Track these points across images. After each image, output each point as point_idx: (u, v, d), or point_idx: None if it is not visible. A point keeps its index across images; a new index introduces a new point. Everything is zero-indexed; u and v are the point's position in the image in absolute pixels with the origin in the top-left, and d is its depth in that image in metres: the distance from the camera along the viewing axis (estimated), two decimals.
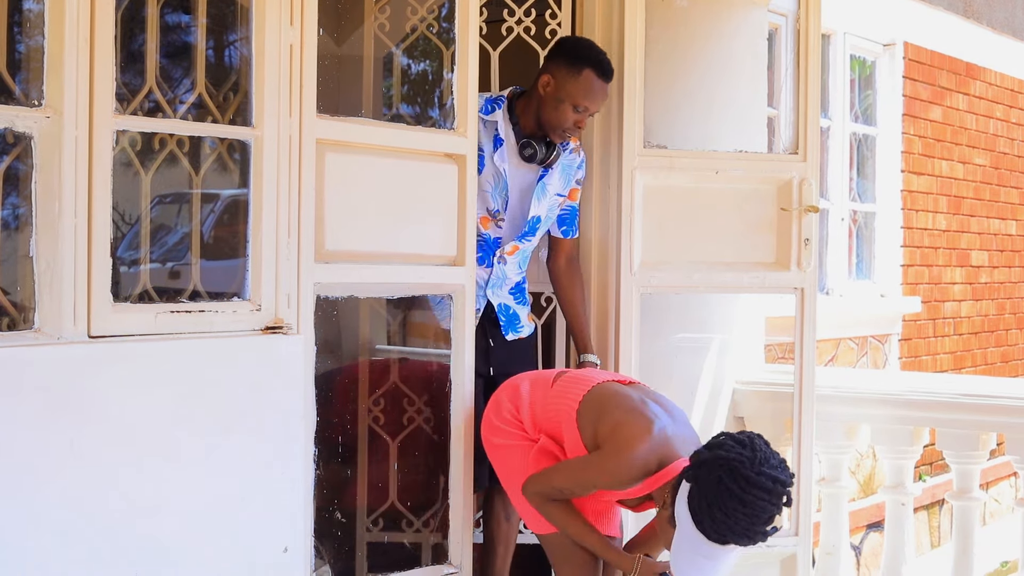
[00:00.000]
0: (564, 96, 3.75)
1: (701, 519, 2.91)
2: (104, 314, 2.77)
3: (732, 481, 2.88)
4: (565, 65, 3.77)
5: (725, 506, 2.88)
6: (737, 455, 2.91)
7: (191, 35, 3.17)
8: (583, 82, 3.75)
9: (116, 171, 2.82)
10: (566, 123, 3.78)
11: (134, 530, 2.78)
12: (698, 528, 2.92)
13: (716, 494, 2.89)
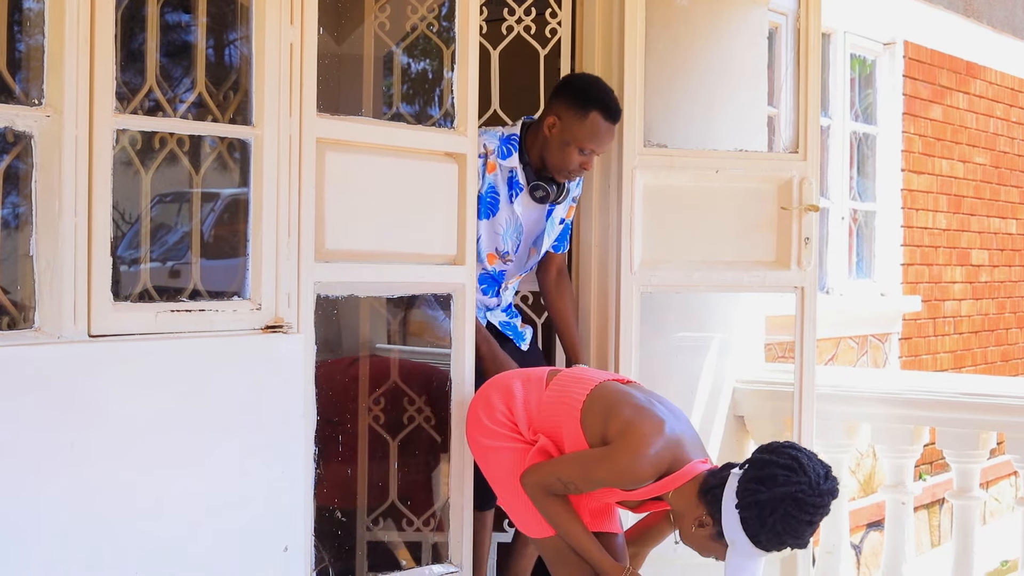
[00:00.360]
0: (570, 139, 3.70)
1: (768, 544, 2.98)
2: (104, 313, 2.76)
3: (800, 511, 2.95)
4: (571, 107, 3.71)
5: (795, 531, 2.96)
6: (797, 487, 2.95)
7: (191, 34, 3.17)
8: (589, 125, 3.70)
9: (116, 170, 2.82)
10: (571, 165, 3.74)
11: (134, 529, 2.78)
12: (760, 547, 2.99)
13: (786, 524, 2.94)
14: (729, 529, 3.00)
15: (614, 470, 3.14)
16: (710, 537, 3.06)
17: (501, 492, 3.37)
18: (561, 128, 3.71)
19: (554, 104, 3.77)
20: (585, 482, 3.19)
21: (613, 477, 3.16)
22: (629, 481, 3.14)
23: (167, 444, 2.84)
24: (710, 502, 3.04)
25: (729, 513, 2.99)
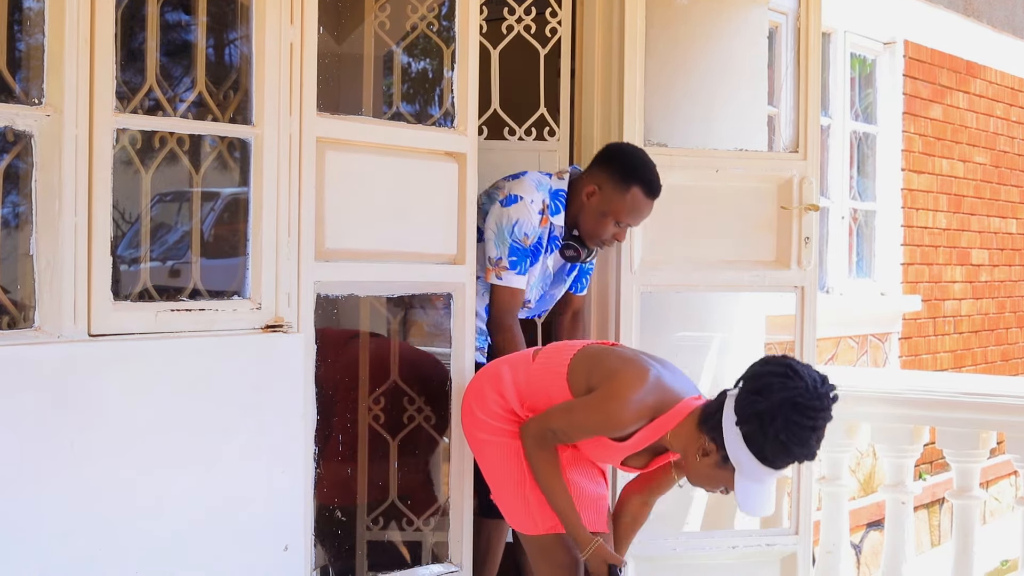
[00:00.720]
0: (608, 210, 3.69)
1: (774, 458, 2.91)
2: (104, 312, 2.76)
3: (801, 416, 2.88)
4: (613, 179, 3.69)
5: (799, 437, 2.89)
6: (794, 391, 2.89)
7: (191, 33, 3.17)
8: (630, 200, 3.69)
9: (116, 169, 2.82)
10: (605, 235, 3.73)
11: (134, 529, 2.78)
12: (768, 465, 2.92)
13: (789, 431, 2.88)
14: (733, 449, 2.94)
15: (600, 415, 3.12)
16: (716, 465, 3.00)
17: (493, 486, 3.37)
18: (600, 198, 3.69)
19: (595, 173, 3.74)
20: (574, 429, 3.17)
21: (599, 422, 3.13)
22: (615, 426, 3.11)
23: (167, 443, 2.84)
24: (711, 428, 3.00)
25: (731, 432, 2.94)
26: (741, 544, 4.31)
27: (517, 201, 3.70)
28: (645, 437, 3.12)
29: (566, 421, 3.16)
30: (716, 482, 3.05)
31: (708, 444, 3.00)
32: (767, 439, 2.89)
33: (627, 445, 3.16)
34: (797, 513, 4.28)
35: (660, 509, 4.45)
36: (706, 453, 3.01)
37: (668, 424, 3.09)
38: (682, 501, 4.55)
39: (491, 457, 3.34)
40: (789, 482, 4.55)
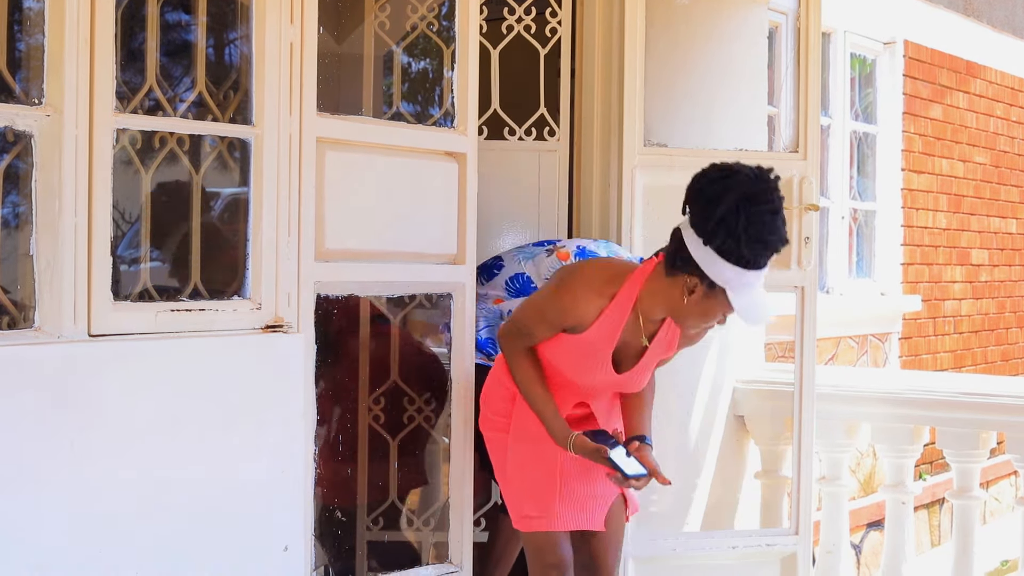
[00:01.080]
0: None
1: (753, 256, 2.83)
2: (104, 313, 2.76)
3: (758, 203, 2.82)
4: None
5: (767, 225, 2.82)
6: (739, 186, 2.83)
7: (191, 33, 3.17)
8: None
9: (116, 169, 2.82)
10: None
11: (135, 529, 2.78)
12: (752, 267, 2.84)
13: (754, 223, 2.81)
14: (714, 270, 2.86)
15: (557, 296, 3.07)
16: (704, 295, 2.90)
17: (499, 481, 3.39)
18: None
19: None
20: (540, 322, 3.10)
21: (561, 307, 3.06)
22: (574, 305, 3.03)
23: (167, 444, 2.84)
24: (683, 265, 2.91)
25: (704, 255, 2.86)
26: (741, 544, 4.31)
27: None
28: (615, 315, 3.03)
29: (532, 314, 3.12)
30: (711, 313, 2.95)
31: (689, 280, 2.90)
32: (740, 242, 2.81)
33: (603, 334, 3.04)
34: (797, 513, 4.28)
35: (660, 509, 4.46)
36: (691, 291, 2.91)
37: (633, 292, 3.02)
38: (682, 501, 4.55)
39: (494, 453, 3.35)
40: (789, 482, 4.55)
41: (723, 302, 2.90)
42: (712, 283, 2.87)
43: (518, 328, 3.15)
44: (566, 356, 3.12)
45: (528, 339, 3.15)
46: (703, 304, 2.93)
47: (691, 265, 2.88)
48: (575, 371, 3.15)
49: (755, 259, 2.83)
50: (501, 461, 3.33)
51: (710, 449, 4.66)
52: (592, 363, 3.10)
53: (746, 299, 2.87)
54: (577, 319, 3.05)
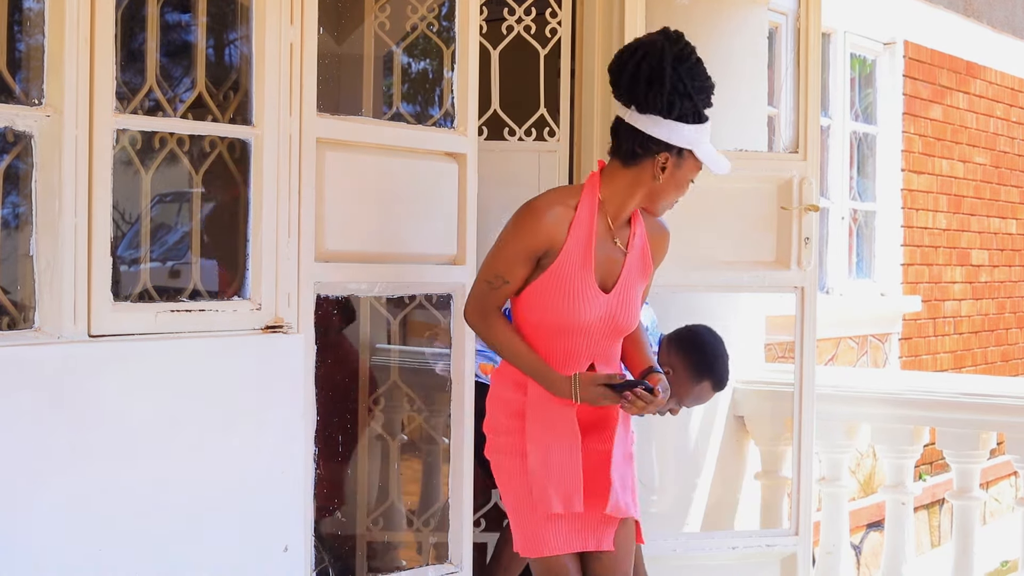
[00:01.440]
0: (675, 392, 3.70)
1: (704, 103, 2.90)
2: (104, 313, 2.76)
3: (686, 60, 2.90)
4: (688, 369, 3.78)
5: (699, 72, 2.91)
6: (664, 48, 2.88)
7: (191, 34, 3.17)
8: (697, 391, 3.81)
9: (116, 170, 2.82)
10: (661, 407, 3.72)
11: (134, 529, 2.78)
12: (700, 120, 2.91)
13: (692, 74, 2.89)
14: (677, 136, 2.89)
15: (525, 226, 2.92)
16: (676, 166, 2.93)
17: (507, 505, 3.18)
18: (671, 379, 3.67)
19: (674, 354, 3.83)
20: (512, 261, 2.93)
21: (531, 231, 2.91)
22: (535, 229, 2.91)
23: (167, 444, 2.84)
24: (644, 146, 2.91)
25: (665, 129, 2.88)
26: (741, 545, 4.32)
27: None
28: (585, 222, 2.93)
29: (497, 258, 2.96)
30: (684, 181, 2.97)
31: (659, 159, 2.91)
32: (692, 99, 2.88)
33: (580, 245, 2.91)
34: (797, 514, 4.27)
35: (660, 509, 4.46)
36: (663, 168, 2.92)
37: (593, 197, 2.95)
38: (682, 502, 4.56)
39: (507, 478, 3.09)
40: (789, 483, 4.55)
41: (691, 164, 2.95)
42: (680, 150, 2.92)
43: (489, 287, 2.96)
44: (552, 297, 2.94)
45: (501, 295, 2.96)
46: (676, 175, 2.95)
47: (655, 144, 2.91)
48: (566, 309, 2.93)
49: (704, 107, 2.92)
50: (513, 487, 3.05)
51: (710, 449, 4.67)
52: (579, 287, 2.94)
53: (708, 151, 2.94)
54: (549, 238, 2.92)
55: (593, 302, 2.95)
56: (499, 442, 3.07)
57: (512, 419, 3.03)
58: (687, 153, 2.93)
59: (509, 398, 3.02)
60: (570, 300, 2.94)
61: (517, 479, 3.03)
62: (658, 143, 2.90)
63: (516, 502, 3.06)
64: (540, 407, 3.00)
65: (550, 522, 3.01)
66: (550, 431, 2.98)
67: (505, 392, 3.04)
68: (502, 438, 3.06)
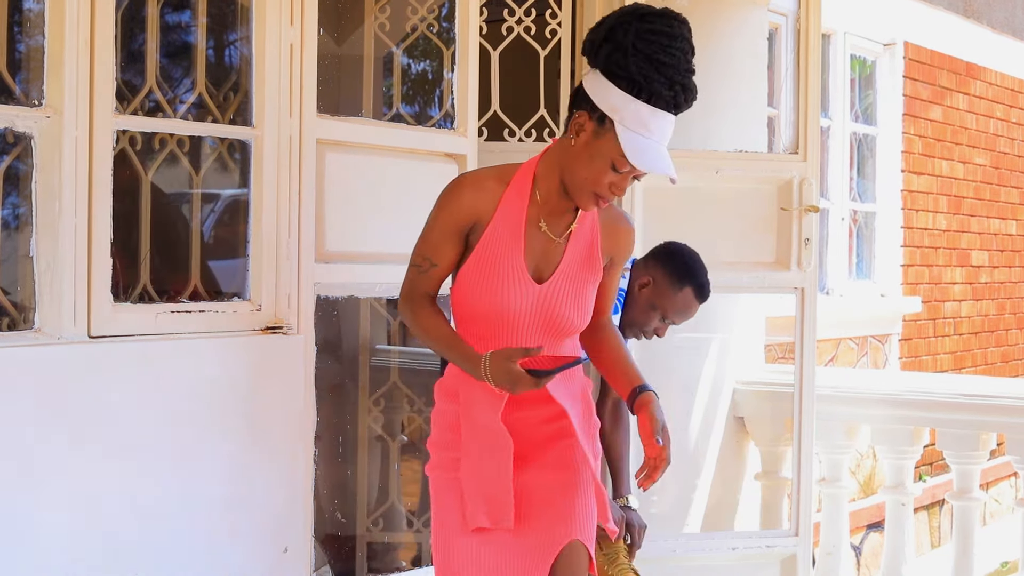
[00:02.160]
0: (657, 304, 3.63)
1: (642, 76, 2.46)
2: (104, 314, 2.76)
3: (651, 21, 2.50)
4: (668, 276, 3.65)
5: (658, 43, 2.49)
6: (641, 7, 2.52)
7: (191, 35, 3.17)
8: (680, 299, 3.64)
9: (116, 171, 2.82)
10: (647, 327, 3.68)
11: (134, 530, 2.78)
12: (642, 92, 2.48)
13: (645, 38, 2.48)
14: (601, 94, 2.49)
15: (451, 201, 2.61)
16: (594, 133, 2.50)
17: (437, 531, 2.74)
18: (652, 291, 3.63)
19: (651, 266, 3.68)
20: (439, 240, 2.62)
21: (457, 205, 2.60)
22: (470, 199, 2.59)
23: (167, 445, 2.84)
24: (574, 98, 2.55)
25: (593, 81, 2.51)
26: (741, 545, 4.31)
27: None
28: (516, 199, 2.60)
29: (419, 241, 2.66)
30: (597, 156, 2.51)
31: (579, 117, 2.52)
32: (626, 54, 2.46)
33: (509, 223, 2.60)
34: (797, 514, 4.27)
35: (661, 510, 4.46)
36: (580, 129, 2.52)
37: (529, 173, 2.61)
38: (682, 502, 4.55)
39: (433, 496, 2.74)
40: (789, 483, 4.55)
41: (611, 143, 2.49)
42: (601, 116, 2.49)
43: (417, 272, 2.64)
44: (478, 280, 2.60)
45: (430, 279, 2.64)
46: (592, 147, 2.51)
47: (584, 101, 2.53)
48: (492, 292, 2.60)
49: (647, 83, 2.47)
50: (445, 504, 2.68)
51: (710, 450, 4.67)
52: (507, 270, 2.60)
53: (636, 140, 2.48)
54: (474, 211, 2.59)
55: (521, 289, 2.60)
56: (441, 457, 2.70)
57: (449, 432, 2.69)
58: (608, 123, 2.49)
59: (444, 409, 2.70)
60: (497, 282, 2.60)
61: (448, 496, 2.66)
62: (587, 100, 2.52)
63: (439, 524, 2.67)
64: (469, 411, 2.65)
65: (470, 553, 2.64)
66: (478, 438, 2.64)
67: (442, 404, 2.72)
68: (443, 453, 2.70)
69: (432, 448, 2.72)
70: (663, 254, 3.72)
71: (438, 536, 2.66)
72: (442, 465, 2.68)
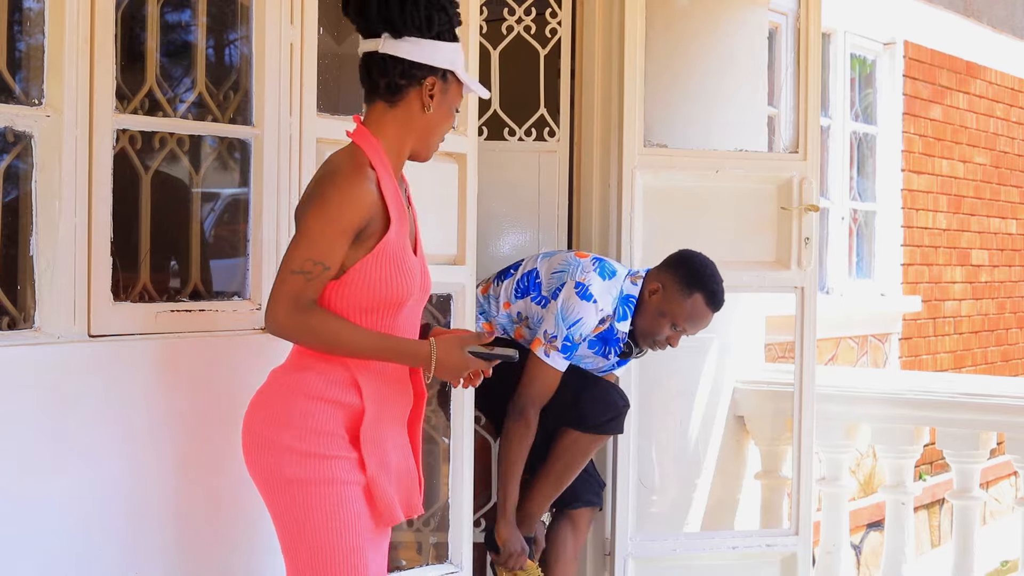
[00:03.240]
0: (667, 311, 3.64)
1: (455, 18, 2.65)
2: (104, 313, 2.76)
3: None
4: (678, 283, 3.65)
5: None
6: None
7: (191, 34, 3.17)
8: (690, 306, 3.64)
9: (116, 170, 2.81)
10: (659, 336, 3.69)
11: (135, 529, 2.78)
12: (455, 39, 2.64)
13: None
14: (440, 57, 2.58)
15: (339, 198, 2.49)
16: (443, 92, 2.61)
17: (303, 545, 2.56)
18: (662, 298, 3.65)
19: (662, 273, 3.71)
20: (322, 247, 2.46)
21: (342, 215, 2.47)
22: (363, 206, 2.49)
23: (167, 444, 2.84)
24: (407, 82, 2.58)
25: (426, 51, 2.57)
26: (741, 545, 4.32)
27: (590, 300, 3.67)
28: (387, 180, 2.57)
29: (307, 245, 2.47)
30: (452, 108, 2.64)
31: (426, 85, 2.58)
32: (441, 9, 2.60)
33: (396, 205, 2.56)
34: (797, 514, 4.28)
35: (661, 509, 4.46)
36: (431, 94, 2.58)
37: (378, 152, 2.58)
38: (682, 502, 4.55)
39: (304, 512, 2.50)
40: (789, 483, 4.55)
41: (456, 90, 2.64)
42: (444, 73, 2.60)
43: (306, 279, 2.46)
44: (387, 270, 2.52)
45: (319, 284, 2.47)
46: (446, 101, 2.62)
47: (419, 69, 2.57)
48: (402, 278, 2.54)
49: (452, 26, 2.64)
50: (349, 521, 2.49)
51: (710, 449, 4.67)
52: (404, 254, 2.57)
53: (469, 79, 2.67)
54: (372, 205, 2.51)
55: (413, 269, 2.58)
56: (313, 466, 2.47)
57: (326, 436, 2.49)
58: (450, 76, 2.61)
59: (320, 409, 2.49)
60: (399, 270, 2.54)
61: (345, 510, 2.48)
62: (422, 67, 2.57)
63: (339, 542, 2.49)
64: (376, 403, 2.54)
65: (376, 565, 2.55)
66: (384, 426, 2.55)
67: (318, 403, 2.50)
68: (328, 462, 2.48)
69: (294, 455, 2.48)
70: (674, 261, 3.73)
71: (338, 554, 2.47)
72: (321, 477, 2.47)
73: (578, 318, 3.66)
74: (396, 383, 2.59)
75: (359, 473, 2.51)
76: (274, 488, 2.51)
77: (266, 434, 2.52)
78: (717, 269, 3.71)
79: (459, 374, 2.54)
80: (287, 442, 2.49)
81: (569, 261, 3.80)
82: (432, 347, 2.51)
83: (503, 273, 3.95)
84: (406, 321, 2.59)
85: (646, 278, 3.74)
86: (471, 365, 2.53)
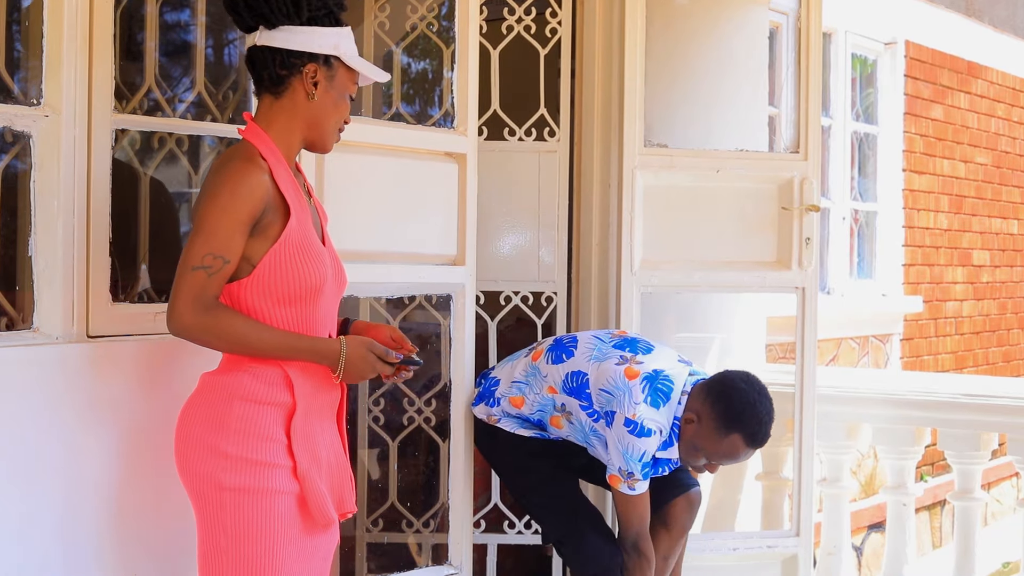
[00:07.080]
0: (701, 447, 3.37)
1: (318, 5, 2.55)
2: (102, 314, 2.76)
3: None
4: (715, 419, 3.34)
5: None
6: None
7: (190, 34, 3.17)
8: (727, 446, 3.36)
9: (115, 170, 2.81)
10: (696, 464, 3.45)
11: (135, 530, 2.77)
12: (339, 22, 2.58)
13: None
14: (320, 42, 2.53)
15: (231, 198, 2.42)
16: (328, 78, 2.55)
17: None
18: (695, 431, 3.37)
19: (702, 402, 3.39)
20: (220, 240, 2.41)
21: (236, 206, 2.42)
22: (255, 196, 2.43)
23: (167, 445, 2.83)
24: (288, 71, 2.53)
25: (303, 38, 2.52)
26: (742, 546, 4.31)
27: (648, 436, 3.34)
28: (281, 171, 2.52)
29: (204, 240, 2.41)
30: (342, 93, 2.59)
31: (307, 72, 2.54)
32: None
33: (292, 193, 2.51)
34: (798, 515, 4.27)
35: None
36: (314, 82, 2.54)
37: (268, 144, 2.52)
38: None
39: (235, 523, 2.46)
40: (790, 484, 4.54)
41: (345, 76, 2.58)
42: (327, 58, 2.55)
43: (207, 275, 2.40)
44: (296, 262, 2.48)
45: (221, 279, 2.42)
46: (334, 88, 2.57)
47: (297, 57, 2.53)
48: (312, 269, 2.50)
49: (338, 10, 2.58)
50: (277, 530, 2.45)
51: None
52: (312, 243, 2.53)
53: (359, 62, 2.59)
54: (266, 195, 2.45)
55: (323, 258, 2.54)
56: (249, 473, 2.44)
57: (262, 440, 2.46)
58: (335, 61, 2.56)
59: (254, 413, 2.47)
60: (309, 260, 2.50)
61: (277, 522, 2.45)
62: (300, 55, 2.53)
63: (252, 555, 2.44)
64: (305, 398, 2.52)
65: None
66: (314, 420, 2.54)
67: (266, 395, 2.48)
68: (256, 468, 2.44)
69: (244, 465, 2.44)
70: (716, 391, 3.38)
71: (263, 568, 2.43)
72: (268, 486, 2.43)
73: (642, 452, 3.36)
74: (324, 379, 2.55)
75: (295, 482, 2.47)
76: (206, 493, 2.47)
77: (203, 439, 2.48)
78: (765, 396, 3.39)
79: (363, 377, 2.55)
80: (224, 447, 2.46)
81: (617, 384, 3.40)
82: (343, 346, 2.51)
83: (559, 349, 3.57)
84: (324, 315, 2.56)
85: (687, 402, 3.42)
86: (378, 369, 2.54)
